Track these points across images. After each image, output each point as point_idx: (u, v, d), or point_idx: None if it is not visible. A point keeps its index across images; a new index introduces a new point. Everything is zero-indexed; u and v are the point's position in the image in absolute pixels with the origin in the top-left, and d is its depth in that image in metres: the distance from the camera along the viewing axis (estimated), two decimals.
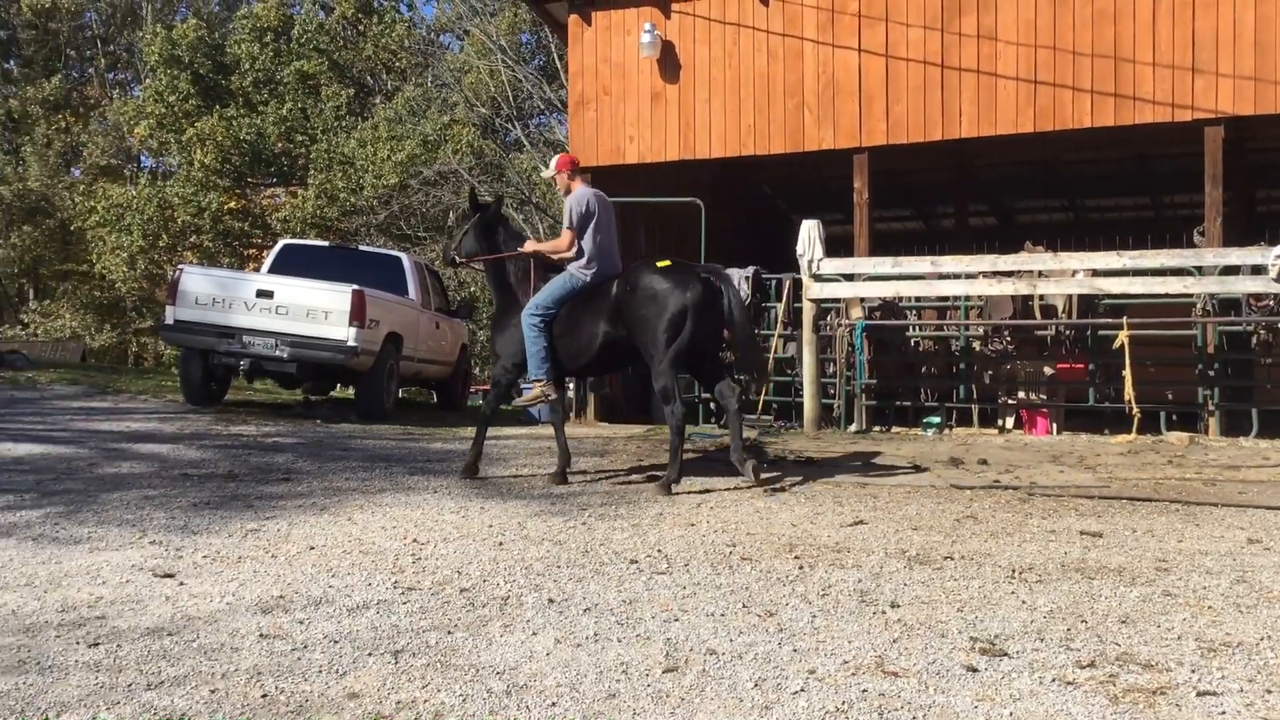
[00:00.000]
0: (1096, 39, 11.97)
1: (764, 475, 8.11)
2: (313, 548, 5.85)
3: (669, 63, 13.92)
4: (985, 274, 11.82)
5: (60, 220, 39.31)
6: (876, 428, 12.80)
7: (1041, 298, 12.20)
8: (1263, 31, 11.37)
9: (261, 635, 4.25)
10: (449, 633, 4.31)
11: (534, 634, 4.30)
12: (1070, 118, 12.16)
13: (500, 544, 6.00)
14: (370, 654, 4.04)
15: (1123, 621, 4.51)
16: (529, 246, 8.48)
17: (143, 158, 42.44)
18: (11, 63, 44.48)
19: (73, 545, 5.83)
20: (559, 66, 28.22)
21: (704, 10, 13.73)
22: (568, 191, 8.40)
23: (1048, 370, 12.87)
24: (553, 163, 8.52)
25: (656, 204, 15.53)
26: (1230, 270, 11.05)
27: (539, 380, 8.21)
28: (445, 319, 16.31)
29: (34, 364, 17.64)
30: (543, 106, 31.23)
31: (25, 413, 11.54)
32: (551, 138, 30.78)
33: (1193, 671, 3.87)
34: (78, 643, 4.13)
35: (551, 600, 4.80)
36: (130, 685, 3.69)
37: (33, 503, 6.93)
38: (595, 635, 4.29)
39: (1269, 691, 3.66)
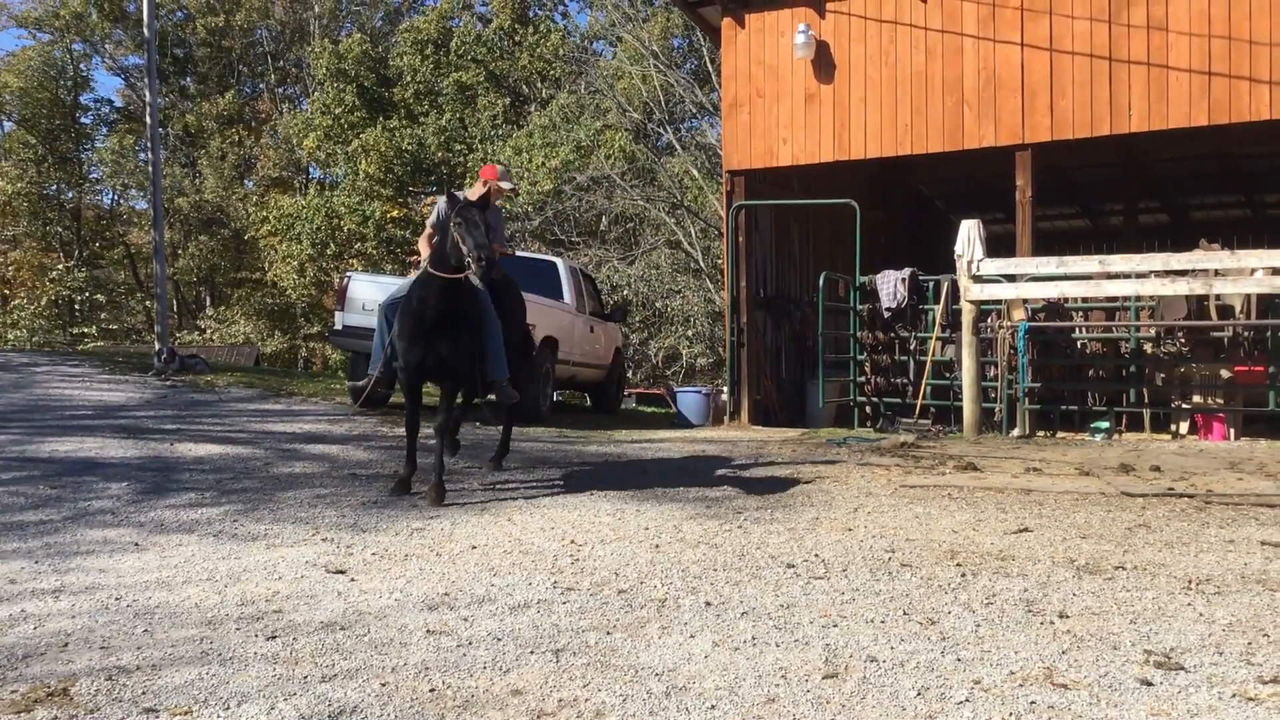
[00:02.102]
0: (1275, 27, 11.37)
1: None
2: (474, 547, 5.99)
3: (823, 63, 13.79)
4: (1157, 273, 11.36)
5: (234, 230, 41.22)
6: (1040, 433, 12.43)
7: (1218, 298, 11.66)
8: None
9: (428, 631, 4.36)
10: (608, 633, 4.36)
11: (692, 636, 4.31)
12: (1247, 110, 11.58)
13: (656, 546, 6.03)
14: (532, 652, 4.11)
15: None
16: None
17: (311, 169, 44.15)
18: (188, 79, 46.83)
19: (250, 542, 6.09)
20: (711, 70, 28.25)
21: (859, 9, 13.55)
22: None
23: (1224, 373, 12.29)
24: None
25: (810, 206, 15.41)
26: None
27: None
28: (599, 323, 16.48)
29: (211, 368, 18.50)
30: (694, 110, 31.32)
31: (204, 415, 12.11)
32: (704, 141, 30.84)
33: None
34: (256, 635, 4.32)
35: (708, 603, 4.80)
36: (306, 677, 3.83)
37: (212, 501, 7.26)
38: (753, 639, 4.27)
39: None
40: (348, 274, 13.98)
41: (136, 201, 44.85)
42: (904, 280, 13.76)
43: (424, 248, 7.98)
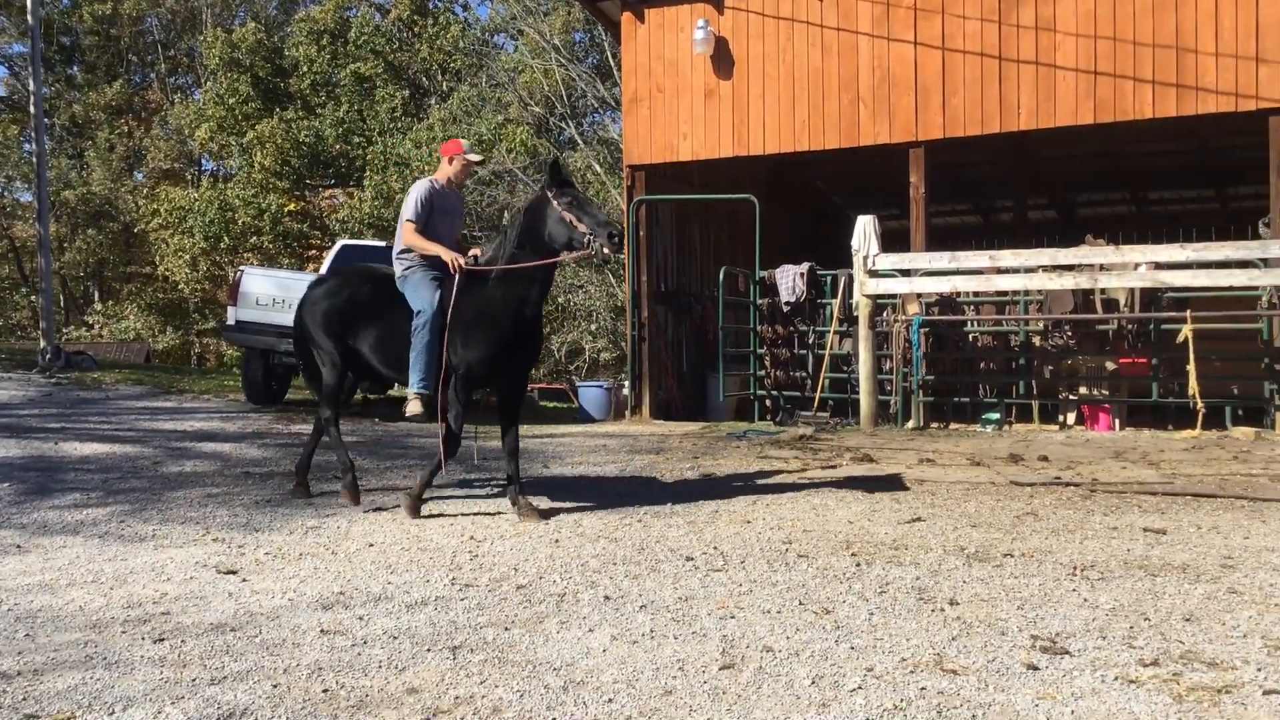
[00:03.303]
0: (1157, 28, 11.76)
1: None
2: (372, 545, 5.91)
3: (722, 59, 13.88)
4: (1045, 268, 11.67)
5: (124, 223, 40.07)
6: (934, 424, 12.69)
7: (1103, 292, 12.01)
8: None
9: (322, 631, 4.30)
10: (506, 629, 4.34)
11: (590, 631, 4.31)
12: (1131, 109, 11.95)
13: (556, 541, 6.02)
14: (429, 650, 4.07)
15: (1187, 619, 4.43)
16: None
17: (204, 161, 43.14)
18: (75, 68, 45.37)
19: (138, 543, 5.94)
20: (613, 64, 28.26)
21: (757, 6, 13.66)
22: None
23: (1110, 365, 12.67)
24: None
25: (711, 201, 15.51)
26: None
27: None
28: None
29: (100, 365, 17.98)
30: (596, 105, 31.30)
31: (91, 413, 11.77)
32: (606, 136, 30.84)
33: (1259, 670, 3.80)
34: (143, 638, 4.21)
35: (607, 597, 4.81)
36: (194, 680, 3.75)
37: (98, 501, 7.07)
38: (651, 632, 4.29)
39: None
40: (241, 268, 13.71)
41: (21, 194, 43.32)
42: (802, 275, 13.93)
43: (418, 242, 7.11)
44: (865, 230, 12.11)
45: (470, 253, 7.20)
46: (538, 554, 5.69)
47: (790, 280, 13.96)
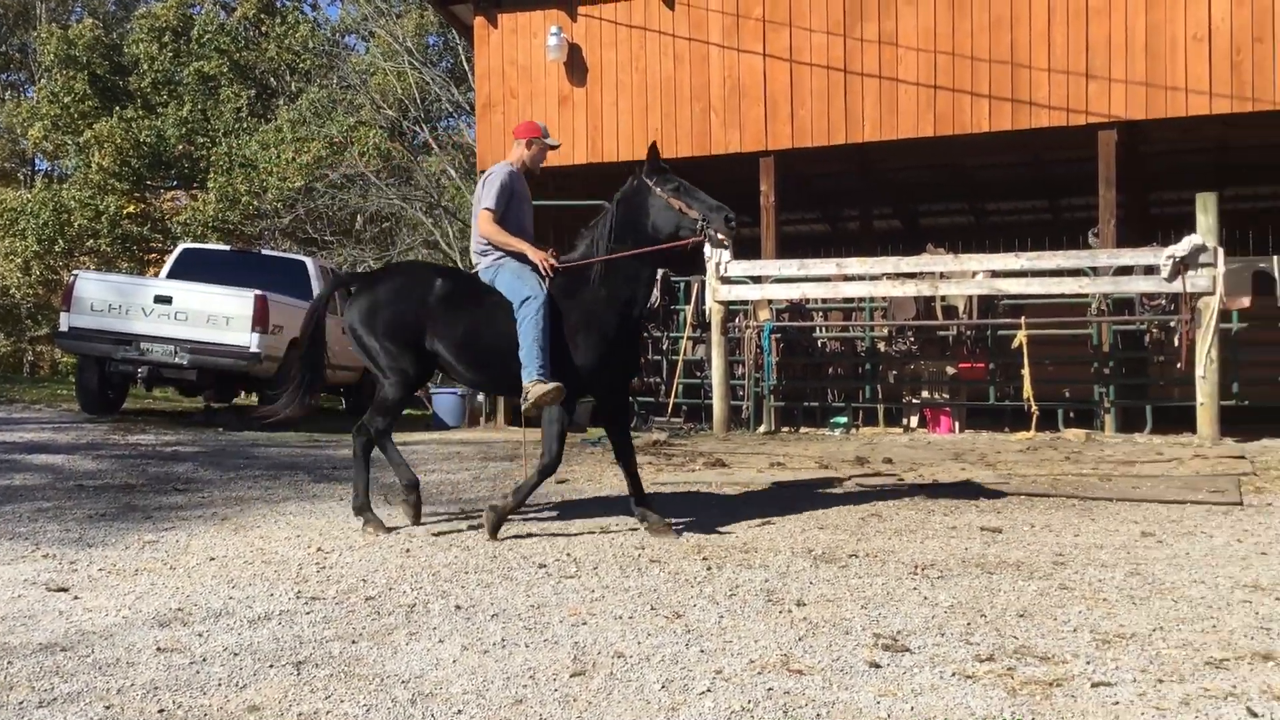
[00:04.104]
0: (994, 45, 12.24)
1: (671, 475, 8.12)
2: (213, 559, 5.74)
3: (576, 66, 13.91)
4: (889, 276, 12.01)
5: None
6: (785, 428, 12.93)
7: (943, 299, 12.43)
8: (1153, 38, 11.73)
9: (159, 649, 4.15)
10: (353, 642, 4.26)
11: (440, 641, 4.26)
12: (969, 122, 12.41)
13: (408, 551, 5.94)
14: (271, 666, 3.97)
15: (1021, 615, 4.61)
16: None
17: (37, 161, 41.22)
18: None
19: None
20: (467, 68, 28.05)
21: (610, 14, 13.74)
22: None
23: (950, 370, 13.12)
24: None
25: (564, 207, 15.51)
26: (1124, 271, 11.36)
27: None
28: None
29: None
30: (451, 109, 31.00)
31: None
32: (461, 140, 30.57)
33: (1088, 663, 3.97)
34: None
35: (459, 607, 4.76)
36: (21, 704, 3.58)
37: None
38: (503, 641, 4.26)
39: (1160, 681, 3.76)
40: (75, 273, 13.16)
41: None
42: (656, 280, 14.02)
43: (497, 234, 6.66)
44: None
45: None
46: (388, 564, 5.60)
47: None
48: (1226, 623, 4.45)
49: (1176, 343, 10.77)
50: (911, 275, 11.81)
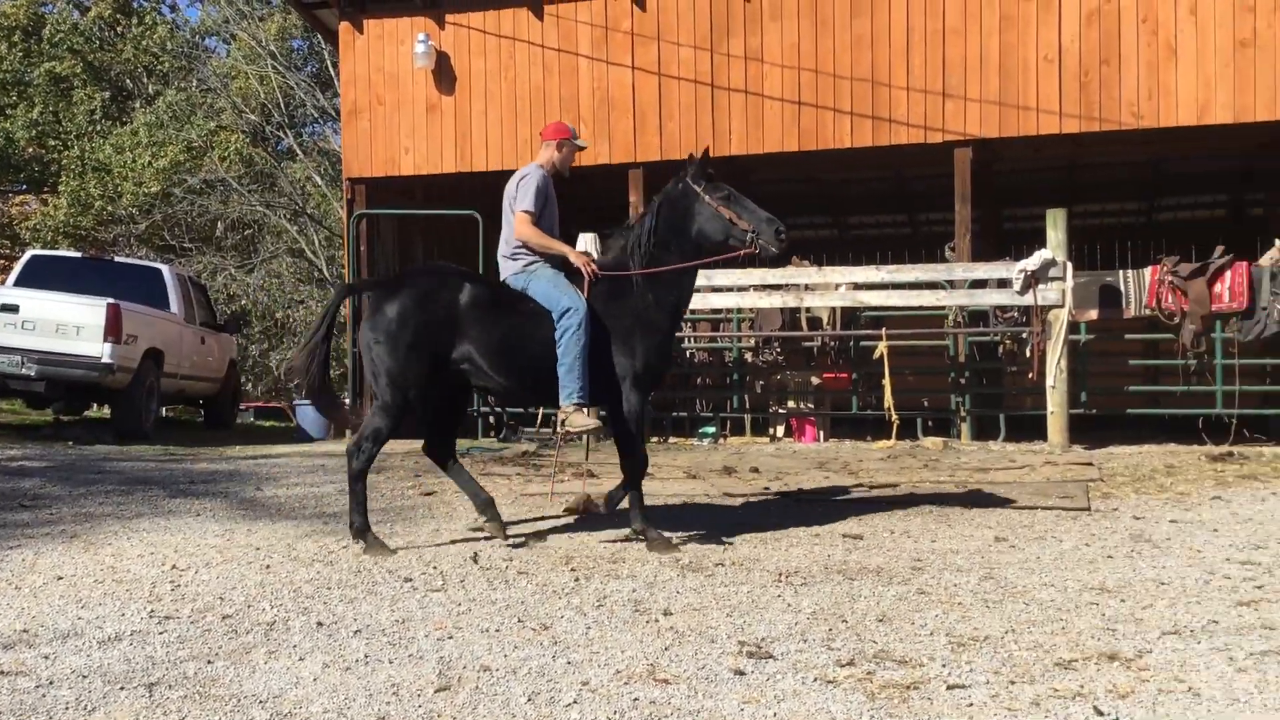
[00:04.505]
0: (855, 63, 12.54)
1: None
2: (61, 578, 5.51)
3: (444, 74, 13.80)
4: (756, 287, 12.18)
5: None
6: (654, 438, 13.00)
7: (808, 310, 12.66)
8: (1006, 59, 12.17)
9: (2, 673, 3.97)
10: (209, 662, 4.14)
11: (301, 659, 4.17)
12: (832, 138, 12.69)
13: (267, 567, 5.79)
14: (122, 688, 3.83)
15: (880, 620, 4.72)
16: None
17: None
18: None
19: None
20: (333, 74, 27.56)
21: (479, 23, 13.67)
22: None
23: (814, 380, 13.36)
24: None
25: (434, 216, 15.36)
26: (979, 284, 11.74)
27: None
28: (212, 334, 15.72)
29: None
30: (316, 115, 30.41)
31: None
32: (327, 147, 30.03)
33: (944, 666, 4.09)
34: None
35: (320, 623, 4.67)
36: None
37: None
38: (366, 657, 4.19)
39: (1012, 682, 3.89)
40: None
41: None
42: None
43: (538, 237, 6.48)
44: (587, 248, 12.31)
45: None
46: (246, 581, 5.46)
47: None
48: (1075, 624, 4.63)
49: (1028, 353, 11.17)
50: (778, 287, 12.01)
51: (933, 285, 11.90)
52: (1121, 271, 11.68)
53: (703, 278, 12.04)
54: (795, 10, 12.70)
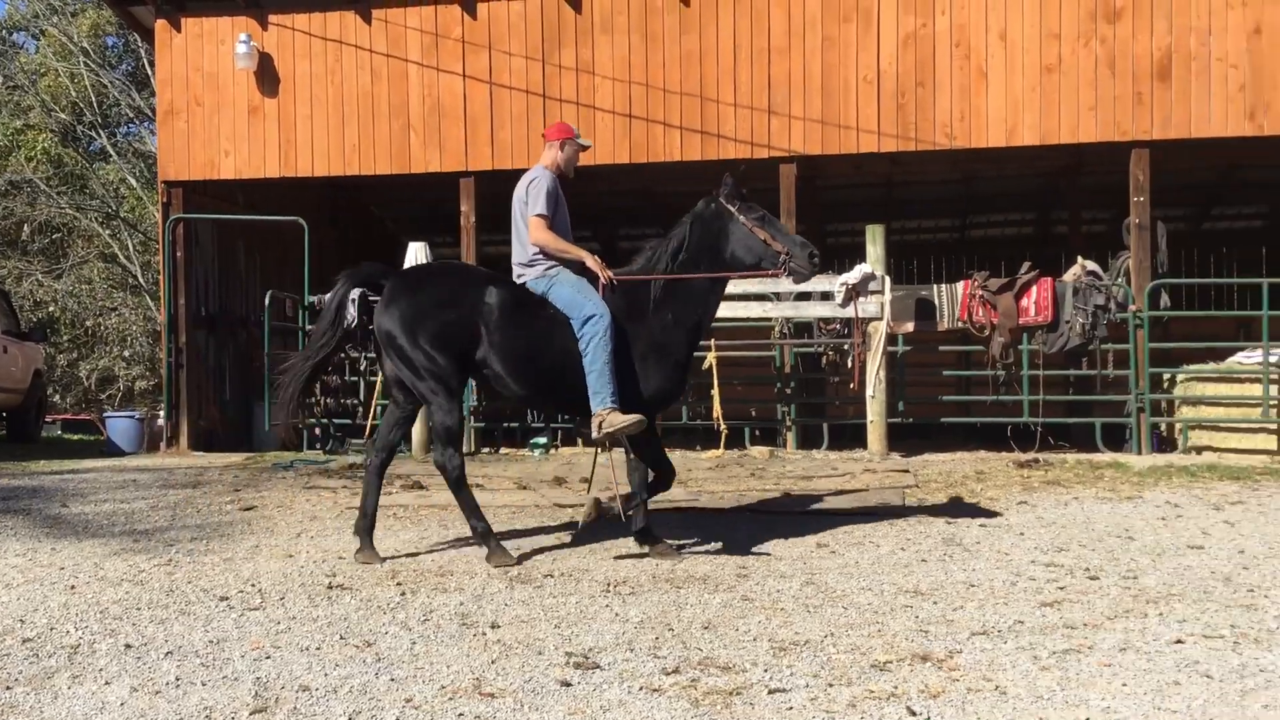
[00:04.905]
0: (685, 78, 12.71)
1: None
2: None
3: (267, 76, 13.42)
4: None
5: None
6: (485, 449, 12.90)
7: None
8: (828, 78, 12.51)
9: None
10: (8, 689, 3.91)
11: (107, 683, 3.98)
12: (663, 151, 12.82)
13: (72, 588, 5.52)
14: None
15: (706, 627, 4.78)
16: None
17: None
18: None
19: None
20: (150, 73, 26.50)
21: (304, 25, 13.34)
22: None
23: None
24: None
25: (255, 222, 14.92)
26: (804, 296, 12.02)
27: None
28: (15, 342, 14.92)
29: None
30: (132, 115, 29.18)
31: None
32: (142, 149, 28.84)
33: (765, 671, 4.17)
34: None
35: (129, 645, 4.47)
36: None
37: None
38: (177, 680, 4.03)
39: (831, 685, 3.99)
40: None
41: None
42: (354, 300, 13.68)
43: (553, 241, 6.38)
44: (417, 257, 12.15)
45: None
46: (49, 603, 5.18)
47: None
48: (890, 627, 4.79)
49: (850, 364, 11.49)
50: None
51: (760, 297, 12.14)
52: (936, 286, 12.12)
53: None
54: (626, 25, 12.81)
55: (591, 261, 6.40)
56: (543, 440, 12.90)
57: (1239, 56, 11.57)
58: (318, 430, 13.60)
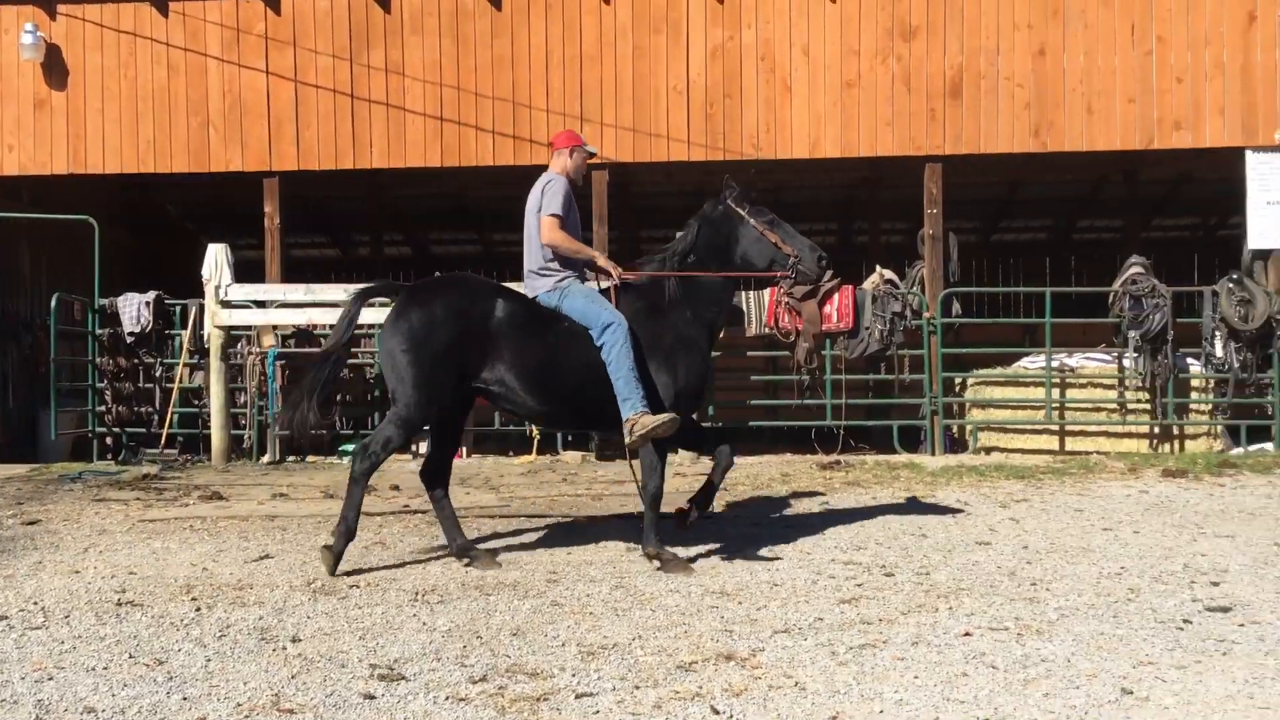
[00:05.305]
0: (496, 83, 12.65)
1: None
2: None
3: (55, 68, 12.73)
4: (384, 304, 12.00)
5: None
6: (291, 458, 12.53)
7: None
8: (640, 87, 12.66)
9: None
10: None
11: None
12: (475, 155, 12.73)
13: None
14: None
15: (514, 634, 4.77)
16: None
17: None
18: None
19: None
20: None
21: (95, 15, 12.70)
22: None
23: None
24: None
25: (41, 220, 14.12)
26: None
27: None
28: None
29: None
30: None
31: None
32: None
33: (573, 675, 4.18)
34: None
35: None
36: None
37: None
38: None
39: (637, 687, 4.04)
40: None
41: None
42: (148, 304, 13.10)
43: (567, 241, 6.37)
44: (217, 259, 11.74)
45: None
46: None
47: (135, 309, 13.07)
48: (696, 628, 4.87)
49: None
50: None
51: None
52: (744, 292, 12.40)
53: (342, 291, 11.80)
54: (437, 27, 12.66)
55: (602, 260, 6.52)
56: (351, 448, 12.61)
57: (1025, 77, 12.25)
58: (109, 440, 12.98)
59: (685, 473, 10.10)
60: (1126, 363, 11.89)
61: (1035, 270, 18.77)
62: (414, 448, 12.47)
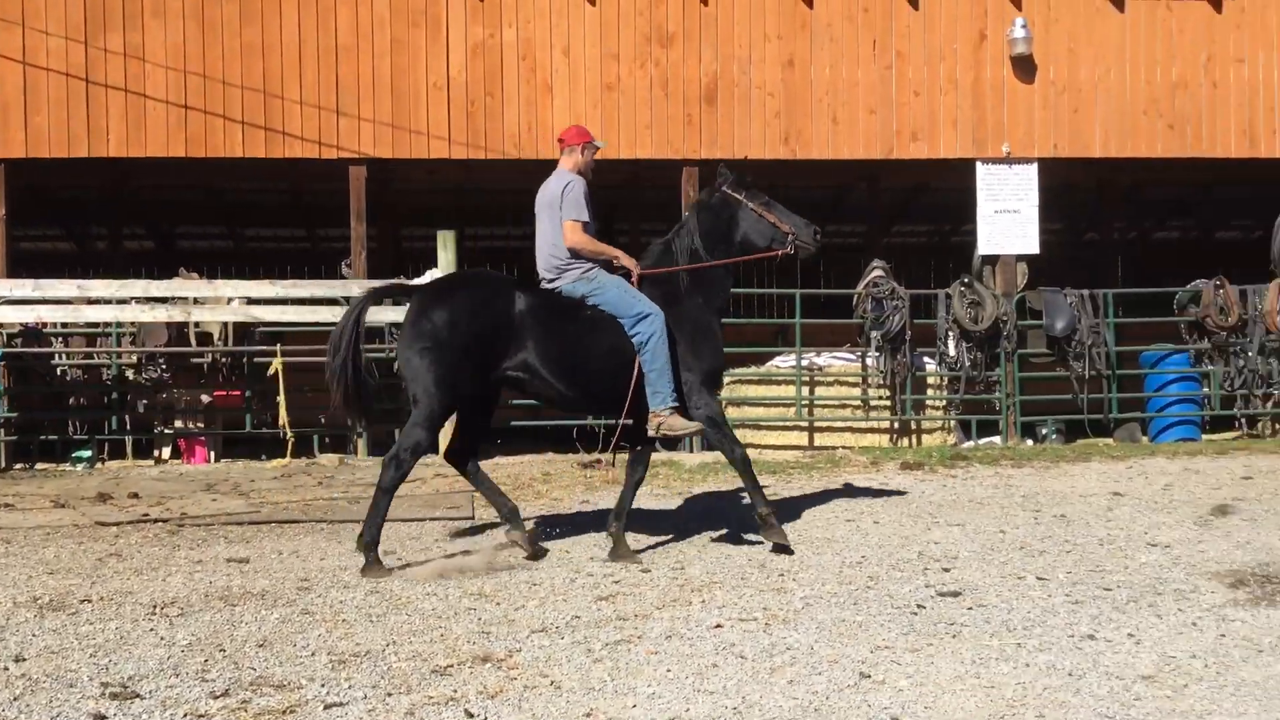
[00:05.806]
0: (246, 72, 12.15)
1: None
2: None
3: None
4: (138, 300, 11.36)
5: None
6: (19, 465, 11.69)
7: (197, 325, 12.08)
8: (398, 82, 12.41)
9: None
10: None
11: None
12: (222, 146, 12.18)
13: None
14: None
15: (261, 645, 4.60)
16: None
17: None
18: None
19: None
20: None
21: None
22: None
23: (205, 398, 12.75)
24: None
25: None
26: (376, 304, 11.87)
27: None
28: None
29: None
30: None
31: None
32: None
33: (323, 685, 4.07)
34: None
35: None
36: None
37: None
38: None
39: (389, 695, 3.96)
40: None
41: None
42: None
43: (590, 244, 6.52)
44: None
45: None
46: None
47: None
48: (453, 630, 4.82)
49: None
50: (163, 300, 11.30)
51: (331, 301, 11.85)
52: None
53: (75, 288, 11.10)
54: (180, 9, 12.04)
55: (624, 258, 6.64)
56: (87, 453, 11.91)
57: (775, 86, 12.70)
58: None
59: (446, 473, 9.99)
60: (869, 361, 12.50)
61: (787, 271, 19.46)
62: (161, 453, 11.86)
